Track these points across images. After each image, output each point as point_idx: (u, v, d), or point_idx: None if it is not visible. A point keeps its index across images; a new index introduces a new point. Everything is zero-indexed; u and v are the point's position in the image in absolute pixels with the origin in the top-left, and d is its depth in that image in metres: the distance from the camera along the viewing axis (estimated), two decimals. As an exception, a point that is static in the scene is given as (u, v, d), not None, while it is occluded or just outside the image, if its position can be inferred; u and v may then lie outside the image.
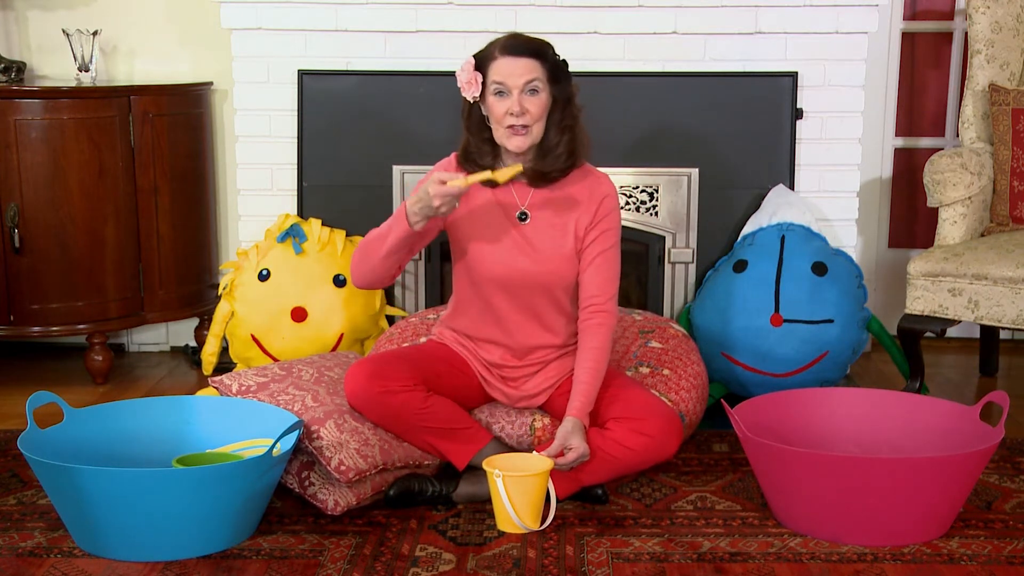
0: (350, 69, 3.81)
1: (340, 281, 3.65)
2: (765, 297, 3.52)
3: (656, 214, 3.79)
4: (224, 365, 3.82)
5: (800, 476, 2.57)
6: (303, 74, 3.80)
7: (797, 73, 3.78)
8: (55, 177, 3.68)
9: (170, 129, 3.88)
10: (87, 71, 3.91)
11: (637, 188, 3.78)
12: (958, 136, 3.91)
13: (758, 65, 3.79)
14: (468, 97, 2.75)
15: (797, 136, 3.82)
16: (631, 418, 2.76)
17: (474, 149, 2.78)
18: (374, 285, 2.82)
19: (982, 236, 3.70)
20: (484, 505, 2.75)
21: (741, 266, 3.60)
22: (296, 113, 3.82)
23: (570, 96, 2.78)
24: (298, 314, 3.62)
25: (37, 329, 3.76)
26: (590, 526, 2.70)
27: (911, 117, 4.34)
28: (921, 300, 3.49)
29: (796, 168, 3.83)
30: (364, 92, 3.80)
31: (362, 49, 3.80)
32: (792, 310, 3.49)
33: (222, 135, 4.16)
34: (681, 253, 3.79)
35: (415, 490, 2.77)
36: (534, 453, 2.71)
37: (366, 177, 3.82)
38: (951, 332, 3.92)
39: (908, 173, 4.36)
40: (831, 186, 3.86)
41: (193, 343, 4.23)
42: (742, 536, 2.65)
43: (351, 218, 3.80)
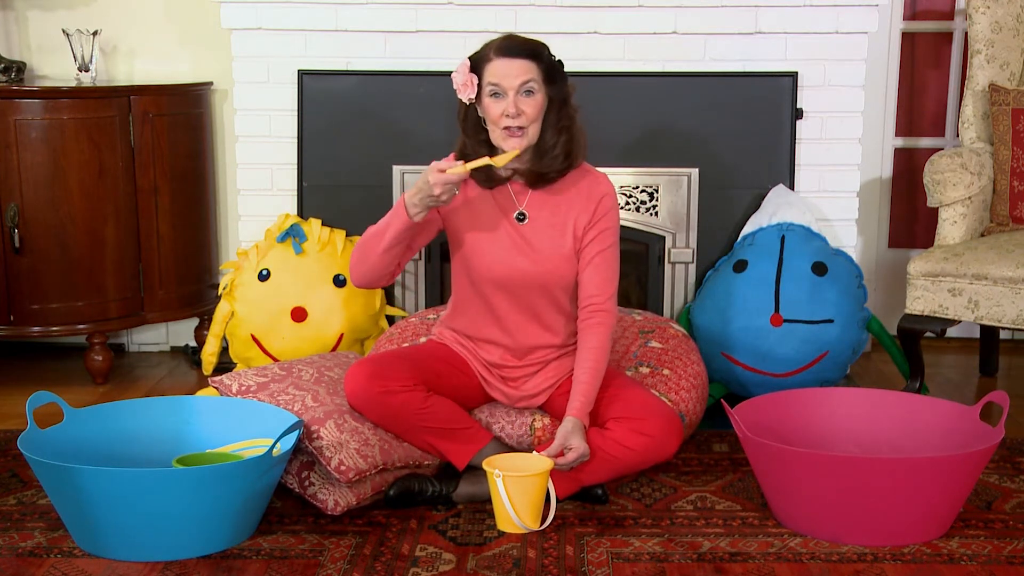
0: (350, 69, 3.81)
1: (340, 281, 3.65)
2: (765, 297, 3.52)
3: (656, 214, 3.79)
4: (224, 365, 3.82)
5: (800, 476, 2.57)
6: (303, 74, 3.80)
7: (797, 73, 3.78)
8: (55, 177, 3.68)
9: (170, 129, 3.88)
10: (87, 71, 3.91)
11: (637, 188, 3.78)
12: (958, 136, 3.91)
13: (758, 65, 3.79)
14: (464, 99, 2.74)
15: (797, 136, 3.82)
16: (631, 418, 2.76)
17: (471, 151, 2.77)
18: (374, 283, 2.82)
19: (982, 236, 3.70)
20: (484, 505, 2.75)
21: (741, 266, 3.60)
22: (296, 113, 3.82)
23: (566, 96, 2.77)
24: (298, 314, 3.61)
25: (37, 329, 3.76)
26: (590, 526, 2.70)
27: (911, 117, 4.34)
28: (921, 300, 3.49)
29: (796, 168, 3.83)
30: (364, 92, 3.80)
31: (362, 49, 3.80)
32: (792, 310, 3.49)
33: (222, 135, 4.16)
34: (681, 253, 3.79)
35: (415, 490, 2.77)
36: (534, 453, 2.71)
37: (366, 177, 3.82)
38: (951, 332, 3.92)
39: (908, 173, 4.35)
40: (831, 186, 3.86)
41: (193, 343, 4.23)
42: (742, 536, 2.65)
43: (351, 218, 3.80)
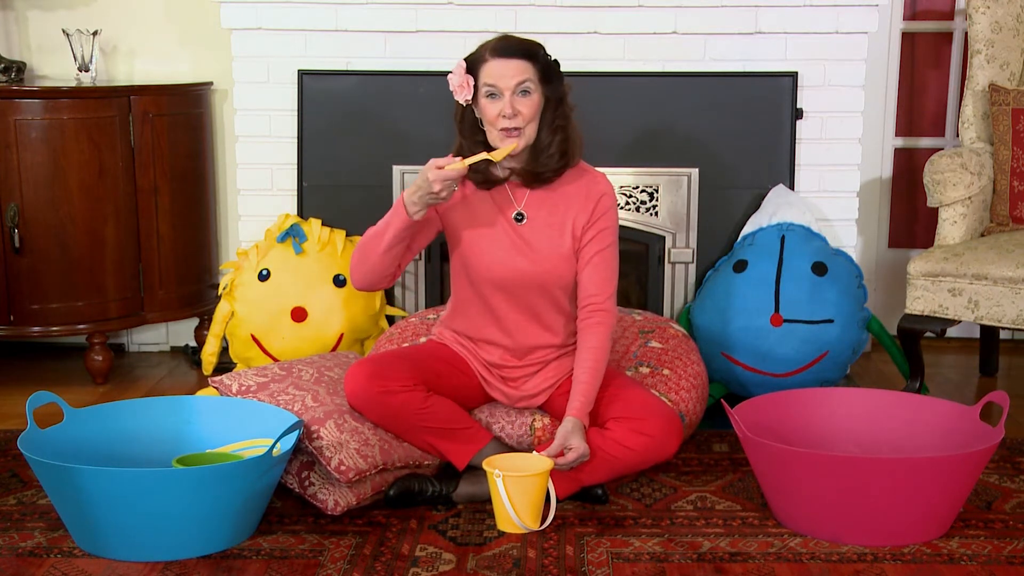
0: (350, 69, 3.81)
1: (340, 281, 3.65)
2: (765, 297, 3.52)
3: (656, 214, 3.79)
4: (224, 365, 3.82)
5: (800, 476, 2.57)
6: (303, 74, 3.80)
7: (797, 73, 3.78)
8: (55, 177, 3.68)
9: (170, 129, 3.88)
10: (87, 71, 3.91)
11: (637, 188, 3.78)
12: (958, 136, 3.91)
13: (758, 65, 3.79)
14: (460, 100, 2.73)
15: (797, 136, 3.82)
16: (631, 418, 2.76)
17: (468, 152, 2.77)
18: (375, 285, 2.81)
19: (982, 236, 3.70)
20: (484, 505, 2.75)
21: (741, 266, 3.60)
22: (296, 113, 3.82)
23: (562, 96, 2.77)
24: (298, 314, 3.61)
25: (37, 329, 3.76)
26: (590, 526, 2.70)
27: (911, 117, 4.34)
28: (921, 300, 3.49)
29: (796, 168, 3.83)
30: (364, 92, 3.80)
31: (362, 49, 3.80)
32: (792, 310, 3.49)
33: (222, 135, 4.16)
34: (681, 253, 3.79)
35: (415, 490, 2.77)
36: (534, 453, 2.71)
37: (366, 177, 3.82)
38: (951, 332, 3.92)
39: (908, 173, 4.35)
40: (831, 186, 3.86)
41: (193, 343, 4.23)
42: (742, 536, 2.65)
43: (351, 218, 3.80)
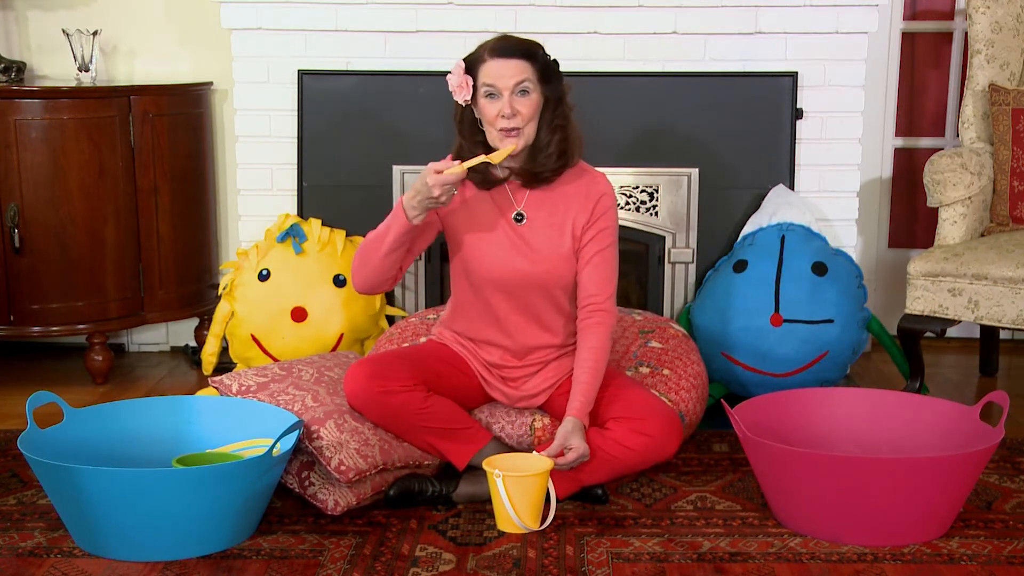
0: (350, 69, 3.81)
1: (340, 281, 3.65)
2: (765, 297, 3.52)
3: (656, 214, 3.79)
4: (224, 365, 3.82)
5: (800, 476, 2.57)
6: (303, 74, 3.80)
7: (797, 73, 3.78)
8: (55, 177, 3.68)
9: (170, 129, 3.88)
10: (87, 71, 3.91)
11: (637, 188, 3.78)
12: (958, 136, 3.91)
13: (758, 65, 3.79)
14: (459, 101, 2.73)
15: (797, 136, 3.81)
16: (631, 418, 2.76)
17: (467, 152, 2.77)
18: (376, 289, 2.81)
19: (982, 236, 3.70)
20: (484, 505, 2.75)
21: (741, 266, 3.60)
22: (296, 113, 3.82)
23: (561, 95, 2.77)
24: (298, 314, 3.61)
25: (37, 329, 3.76)
26: (590, 526, 2.70)
27: (911, 117, 4.34)
28: (921, 300, 3.49)
29: (796, 168, 3.83)
30: (364, 92, 3.80)
31: (362, 49, 3.80)
32: (792, 310, 3.49)
33: (222, 135, 4.16)
34: (681, 253, 3.79)
35: (415, 490, 2.77)
36: (534, 453, 2.71)
37: (366, 177, 3.82)
38: (951, 332, 3.92)
39: (908, 173, 4.35)
40: (831, 186, 3.86)
41: (193, 343, 4.23)
42: (742, 536, 2.65)
43: (351, 218, 3.80)
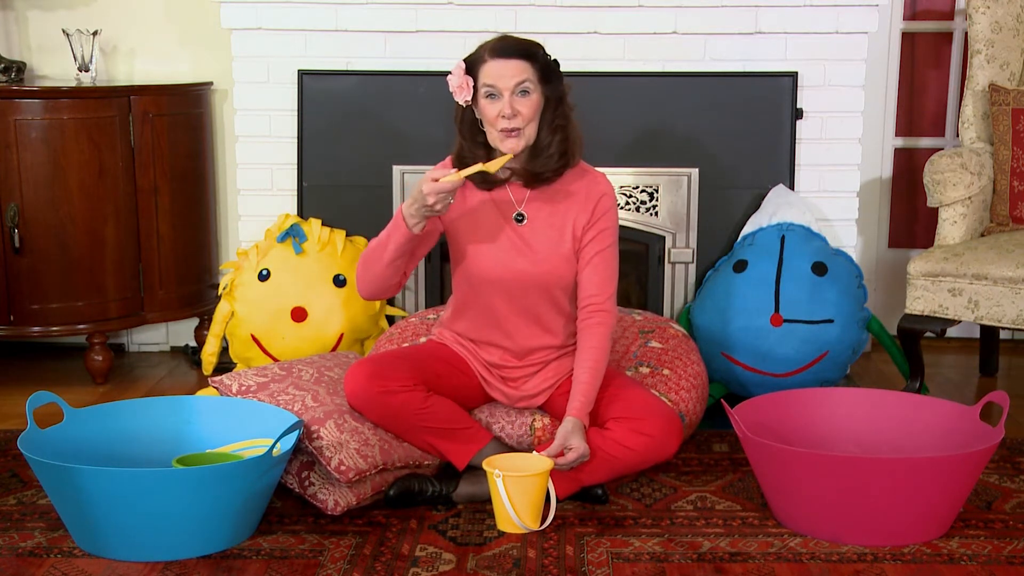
0: (350, 69, 3.81)
1: (340, 281, 3.65)
2: (765, 297, 3.52)
3: (656, 214, 3.79)
4: (224, 365, 3.82)
5: (800, 476, 2.57)
6: (303, 74, 3.80)
7: (797, 73, 3.78)
8: (55, 177, 3.68)
9: (170, 129, 3.88)
10: (87, 71, 3.91)
11: (637, 188, 3.78)
12: (958, 136, 3.91)
13: (758, 65, 3.79)
14: (460, 101, 2.73)
15: (797, 136, 3.81)
16: (631, 418, 2.76)
17: (468, 153, 2.77)
18: (381, 295, 2.81)
19: (982, 236, 3.70)
20: (484, 505, 2.75)
21: (741, 266, 3.60)
22: (296, 113, 3.82)
23: (562, 95, 2.76)
24: (298, 314, 3.61)
25: (37, 329, 3.76)
26: (590, 526, 2.70)
27: (911, 117, 4.34)
28: (921, 300, 3.49)
29: (796, 168, 3.83)
30: (364, 92, 3.80)
31: (362, 49, 3.80)
32: (792, 310, 3.49)
33: (222, 135, 4.16)
34: (681, 253, 3.79)
35: (415, 490, 2.77)
36: (534, 453, 2.71)
37: (366, 177, 3.82)
38: (951, 332, 3.92)
39: (908, 173, 4.35)
40: (831, 186, 3.86)
41: (193, 343, 4.23)
42: (742, 536, 2.65)
43: (351, 218, 3.80)
